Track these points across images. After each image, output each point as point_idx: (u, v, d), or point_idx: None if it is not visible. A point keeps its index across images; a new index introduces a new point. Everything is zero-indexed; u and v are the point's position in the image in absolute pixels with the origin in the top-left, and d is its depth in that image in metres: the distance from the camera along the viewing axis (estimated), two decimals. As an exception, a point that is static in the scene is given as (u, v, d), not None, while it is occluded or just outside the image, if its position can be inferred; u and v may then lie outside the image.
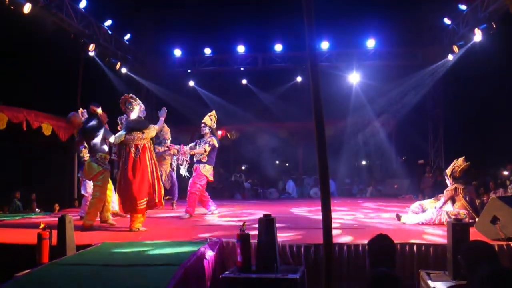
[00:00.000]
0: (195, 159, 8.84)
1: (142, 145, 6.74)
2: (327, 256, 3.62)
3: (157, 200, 6.74)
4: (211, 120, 8.90)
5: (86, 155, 7.52)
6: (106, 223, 7.40)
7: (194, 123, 14.35)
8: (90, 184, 7.66)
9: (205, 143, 8.70)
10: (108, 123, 7.84)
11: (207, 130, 8.82)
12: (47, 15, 9.86)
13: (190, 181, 8.75)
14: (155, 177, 6.75)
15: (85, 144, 7.44)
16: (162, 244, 5.43)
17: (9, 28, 10.30)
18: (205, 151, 8.66)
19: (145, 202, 6.63)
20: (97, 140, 7.02)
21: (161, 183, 6.91)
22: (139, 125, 6.82)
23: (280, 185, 15.83)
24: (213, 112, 9.08)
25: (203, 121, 8.91)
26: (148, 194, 6.64)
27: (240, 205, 11.25)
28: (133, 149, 6.70)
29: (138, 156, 6.67)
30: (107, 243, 5.47)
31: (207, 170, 8.70)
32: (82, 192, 8.14)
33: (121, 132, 6.79)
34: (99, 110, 7.32)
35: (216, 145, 8.76)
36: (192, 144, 8.96)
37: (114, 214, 8.08)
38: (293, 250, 5.30)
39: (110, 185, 7.56)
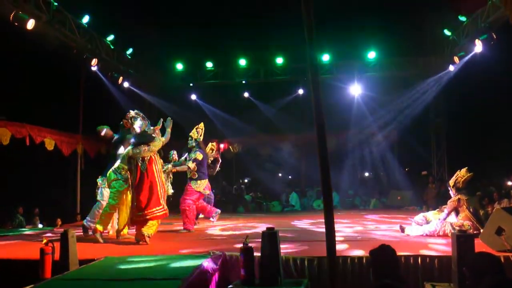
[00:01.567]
0: (188, 175, 8.78)
1: (148, 158, 6.93)
2: (331, 269, 3.61)
3: (166, 210, 6.94)
4: (198, 132, 8.80)
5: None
6: (120, 238, 7.44)
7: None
8: (104, 192, 7.78)
9: (189, 160, 8.60)
10: None
11: (193, 143, 8.73)
12: (50, 30, 9.94)
13: (181, 197, 8.68)
14: (162, 188, 6.95)
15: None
16: (165, 258, 5.40)
17: (13, 44, 10.38)
18: (189, 168, 8.54)
19: (160, 210, 6.81)
20: (118, 151, 7.37)
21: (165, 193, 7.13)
22: (144, 139, 6.98)
23: (283, 198, 15.77)
24: (201, 124, 8.99)
25: (190, 134, 8.84)
26: (160, 204, 6.82)
27: (243, 218, 11.21)
28: (140, 162, 6.88)
29: (145, 168, 6.85)
30: (110, 257, 5.45)
31: (199, 186, 8.63)
32: (98, 198, 8.10)
33: (129, 148, 7.00)
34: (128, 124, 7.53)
35: (200, 158, 8.61)
36: (182, 158, 8.94)
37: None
38: (296, 263, 5.26)
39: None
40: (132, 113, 7.18)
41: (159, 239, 7.35)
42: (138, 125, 7.07)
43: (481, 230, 6.16)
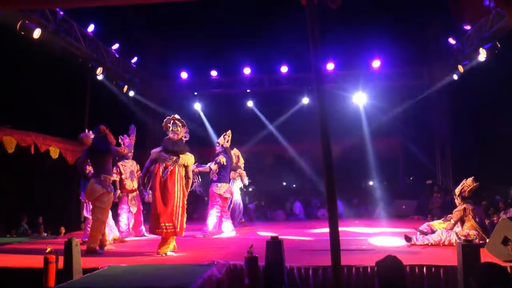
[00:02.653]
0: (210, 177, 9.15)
1: (171, 168, 6.60)
2: (336, 279, 3.58)
3: (178, 230, 6.50)
4: (224, 138, 9.24)
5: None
6: (104, 248, 7.15)
7: (201, 144, 14.43)
8: (90, 207, 7.65)
9: (213, 162, 9.02)
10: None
11: (219, 149, 9.18)
12: (56, 39, 10.01)
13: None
14: (180, 206, 6.54)
15: None
16: (169, 267, 5.40)
17: (19, 53, 10.46)
18: (211, 169, 8.94)
19: (170, 228, 6.42)
20: (103, 161, 6.92)
21: (185, 213, 6.67)
22: (176, 147, 6.73)
23: (287, 207, 15.72)
24: (229, 131, 9.38)
25: (217, 141, 9.36)
26: (171, 220, 6.45)
27: (247, 227, 11.18)
28: (162, 168, 6.60)
29: (165, 177, 6.54)
30: (114, 266, 5.44)
31: (219, 188, 8.94)
32: (85, 214, 8.10)
33: (158, 149, 6.79)
34: (108, 131, 7.09)
35: (225, 163, 9.00)
36: (210, 163, 9.20)
37: (115, 240, 8.04)
38: (301, 272, 5.24)
39: None
40: (175, 117, 6.95)
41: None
42: (179, 133, 6.86)
43: (487, 240, 6.12)
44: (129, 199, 8.76)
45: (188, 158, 6.78)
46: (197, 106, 15.69)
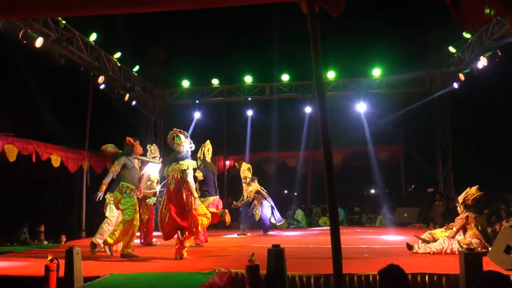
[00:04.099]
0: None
1: (176, 177, 6.90)
2: (338, 287, 3.57)
3: (194, 229, 6.91)
4: (201, 150, 8.72)
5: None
6: (126, 256, 7.20)
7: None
8: (113, 208, 7.76)
9: None
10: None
11: (198, 161, 8.73)
12: (58, 48, 10.05)
13: None
14: (191, 209, 6.83)
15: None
16: (170, 276, 5.38)
17: (21, 61, 10.50)
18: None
19: (187, 229, 6.81)
20: (124, 170, 7.32)
21: (195, 214, 6.91)
22: (178, 155, 7.00)
23: (290, 214, 15.69)
24: (207, 142, 8.83)
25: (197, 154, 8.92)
26: (187, 223, 6.79)
27: (248, 235, 11.16)
28: (171, 179, 6.93)
29: (173, 187, 6.86)
30: (115, 274, 5.42)
31: (202, 203, 8.65)
32: (107, 214, 8.13)
33: (170, 166, 7.05)
34: (136, 143, 7.62)
35: (199, 177, 8.82)
36: None
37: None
38: (302, 280, 5.22)
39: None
40: (176, 130, 7.13)
41: (165, 255, 7.30)
42: (184, 144, 7.07)
43: (489, 248, 6.09)
44: (141, 208, 8.78)
45: (187, 163, 6.98)
46: (200, 114, 15.69)
